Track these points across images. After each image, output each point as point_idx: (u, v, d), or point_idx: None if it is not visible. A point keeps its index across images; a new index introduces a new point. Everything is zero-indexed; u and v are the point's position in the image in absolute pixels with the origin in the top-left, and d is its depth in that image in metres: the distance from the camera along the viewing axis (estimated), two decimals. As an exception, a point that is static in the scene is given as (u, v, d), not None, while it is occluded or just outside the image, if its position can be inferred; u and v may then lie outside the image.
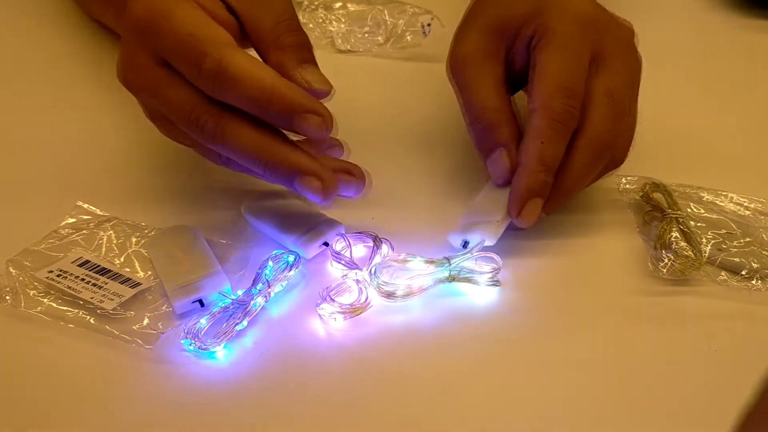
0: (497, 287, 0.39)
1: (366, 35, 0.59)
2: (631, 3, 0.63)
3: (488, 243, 0.40)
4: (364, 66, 0.58)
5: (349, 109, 0.54)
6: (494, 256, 0.39)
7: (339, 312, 0.37)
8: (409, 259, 0.39)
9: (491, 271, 0.39)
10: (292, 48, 0.39)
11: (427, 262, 0.39)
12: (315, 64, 0.40)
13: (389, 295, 0.39)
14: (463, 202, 0.44)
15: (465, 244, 0.41)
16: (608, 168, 0.43)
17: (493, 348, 0.37)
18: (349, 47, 0.59)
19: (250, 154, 0.37)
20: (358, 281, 0.39)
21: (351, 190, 0.41)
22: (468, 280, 0.39)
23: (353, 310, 0.38)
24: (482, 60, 0.43)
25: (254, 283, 0.38)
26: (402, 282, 0.39)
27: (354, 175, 0.41)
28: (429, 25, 0.58)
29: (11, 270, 0.39)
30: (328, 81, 0.39)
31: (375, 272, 0.39)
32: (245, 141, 0.37)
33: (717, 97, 0.55)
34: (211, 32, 0.37)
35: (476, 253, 0.39)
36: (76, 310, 0.38)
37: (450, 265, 0.39)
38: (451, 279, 0.39)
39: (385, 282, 0.38)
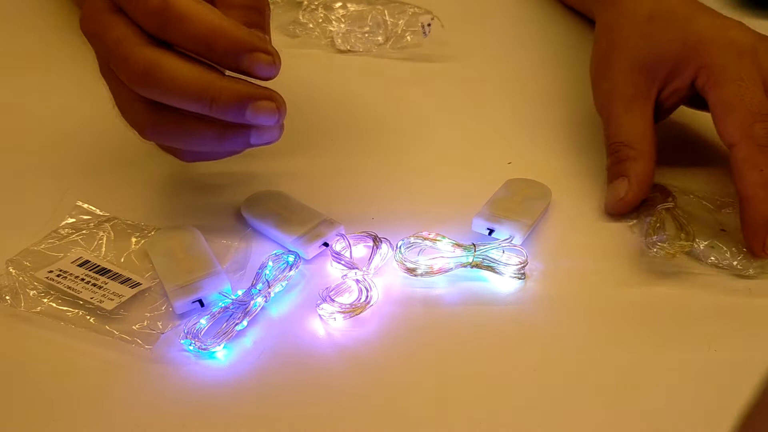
0: (521, 280, 0.40)
1: (366, 35, 0.59)
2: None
3: (515, 240, 0.41)
4: (364, 66, 0.58)
5: (348, 109, 0.54)
6: (521, 249, 0.40)
7: (339, 312, 0.38)
8: (438, 239, 0.40)
9: (518, 264, 0.40)
10: (240, 8, 0.38)
11: (454, 244, 0.40)
12: (263, 28, 0.38)
13: (410, 271, 0.40)
14: (464, 202, 0.44)
15: (490, 232, 0.42)
16: None
17: (493, 347, 0.37)
18: (349, 47, 0.59)
19: (190, 89, 0.35)
20: (358, 281, 0.39)
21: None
22: (491, 268, 0.40)
23: (353, 310, 0.38)
24: (631, 97, 0.45)
25: (254, 283, 0.38)
26: (424, 261, 0.40)
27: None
28: (429, 25, 0.58)
29: (11, 270, 0.39)
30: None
31: (400, 247, 0.40)
32: (185, 74, 0.35)
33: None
34: None
35: (504, 245, 0.40)
36: (76, 310, 0.38)
37: (475, 251, 0.39)
38: (474, 265, 0.40)
39: (408, 258, 0.40)
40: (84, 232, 0.42)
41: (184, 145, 0.39)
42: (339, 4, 0.60)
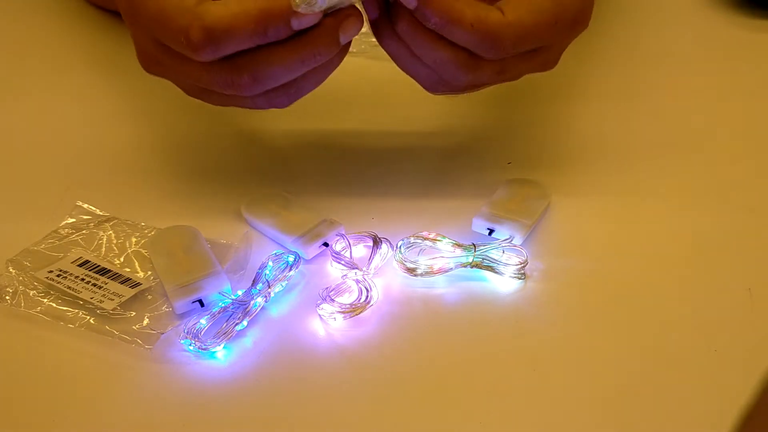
0: (521, 280, 0.40)
1: (361, 37, 0.58)
2: (630, 2, 0.63)
3: (515, 240, 0.41)
4: (360, 67, 0.58)
5: (347, 109, 0.54)
6: (521, 249, 0.40)
7: (339, 312, 0.38)
8: (438, 239, 0.40)
9: (518, 265, 0.40)
10: None
11: (454, 245, 0.40)
12: None
13: (410, 271, 0.40)
14: (464, 202, 0.44)
15: (490, 232, 0.42)
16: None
17: (493, 347, 0.37)
18: None
19: (293, 66, 0.37)
20: (358, 281, 0.39)
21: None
22: (491, 268, 0.40)
23: (353, 310, 0.38)
24: None
25: (254, 283, 0.38)
26: (424, 261, 0.40)
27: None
28: None
29: (11, 270, 0.39)
30: None
31: (400, 247, 0.40)
32: (282, 61, 0.36)
33: (716, 97, 0.55)
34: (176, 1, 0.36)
35: (504, 245, 0.40)
36: (76, 310, 0.38)
37: (475, 251, 0.39)
38: (474, 265, 0.40)
39: (408, 258, 0.40)
40: (84, 232, 0.42)
41: (289, 74, 0.38)
42: None
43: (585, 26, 0.41)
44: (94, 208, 0.44)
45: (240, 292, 0.38)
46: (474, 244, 0.40)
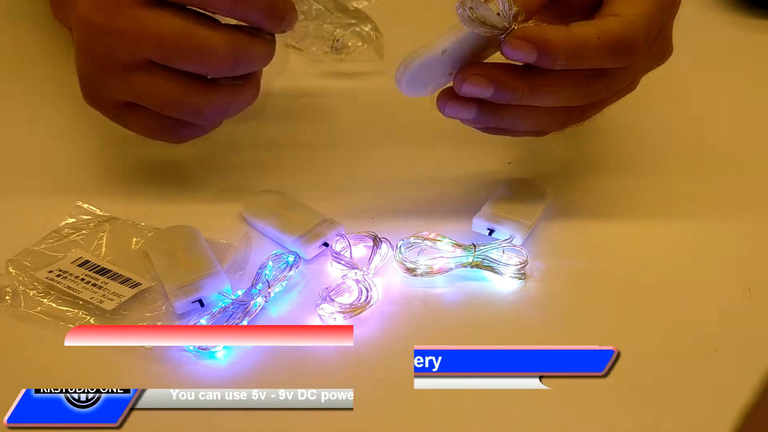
0: (521, 280, 0.40)
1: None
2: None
3: (515, 241, 0.41)
4: (361, 67, 0.58)
5: (347, 109, 0.54)
6: (521, 249, 0.40)
7: (339, 312, 0.38)
8: (438, 239, 0.40)
9: (518, 265, 0.40)
10: None
11: (454, 244, 0.40)
12: None
13: (410, 271, 0.40)
14: (464, 202, 0.44)
15: (490, 232, 0.42)
16: None
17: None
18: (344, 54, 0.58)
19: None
20: (358, 281, 0.39)
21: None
22: (491, 269, 0.40)
23: (353, 310, 0.38)
24: None
25: (254, 283, 0.38)
26: (424, 261, 0.40)
27: None
28: (338, 41, 0.54)
29: (11, 270, 0.39)
30: None
31: (400, 247, 0.40)
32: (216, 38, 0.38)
33: (716, 97, 0.55)
34: None
35: (504, 245, 0.40)
36: (76, 310, 0.38)
37: (475, 251, 0.39)
38: (474, 265, 0.40)
39: (408, 258, 0.40)
40: (84, 232, 0.42)
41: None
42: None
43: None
44: (94, 208, 0.44)
45: (240, 292, 0.38)
46: (474, 244, 0.40)
